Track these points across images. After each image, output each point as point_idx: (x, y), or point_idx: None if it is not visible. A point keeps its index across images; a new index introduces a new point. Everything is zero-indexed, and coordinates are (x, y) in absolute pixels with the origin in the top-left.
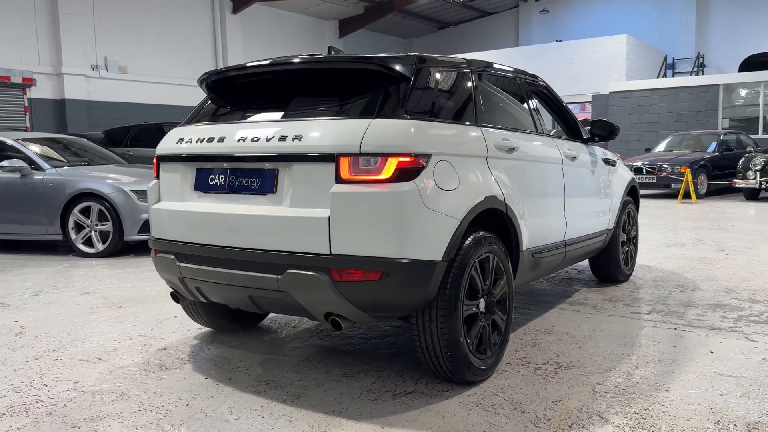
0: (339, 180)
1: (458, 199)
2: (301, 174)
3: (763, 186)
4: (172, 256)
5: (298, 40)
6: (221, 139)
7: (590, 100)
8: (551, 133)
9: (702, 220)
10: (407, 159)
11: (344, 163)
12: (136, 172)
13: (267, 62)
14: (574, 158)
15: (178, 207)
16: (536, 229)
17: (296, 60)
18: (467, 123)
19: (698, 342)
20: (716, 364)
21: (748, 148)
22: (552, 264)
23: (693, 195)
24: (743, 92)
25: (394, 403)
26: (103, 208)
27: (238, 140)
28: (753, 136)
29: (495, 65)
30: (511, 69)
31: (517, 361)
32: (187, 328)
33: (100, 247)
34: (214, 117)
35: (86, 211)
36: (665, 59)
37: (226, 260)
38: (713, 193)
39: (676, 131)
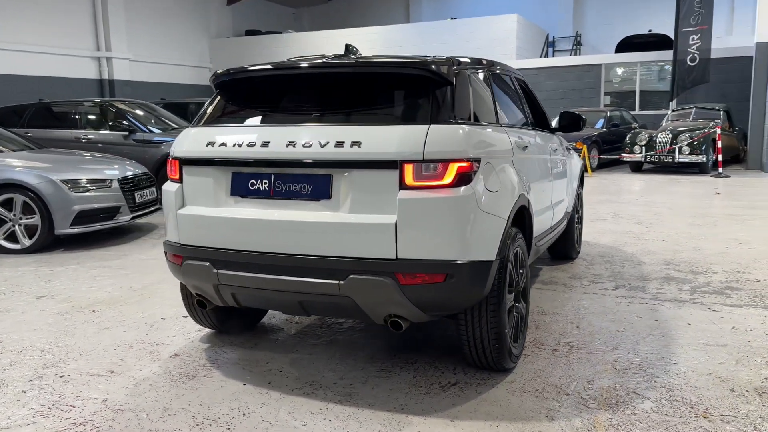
0: (403, 186)
1: (503, 200)
2: (360, 180)
3: (647, 159)
4: (207, 263)
5: (182, 5)
6: (265, 144)
7: None
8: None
9: (606, 193)
10: (465, 164)
11: (408, 169)
12: (53, 158)
13: (304, 64)
14: (555, 150)
15: (213, 213)
16: (539, 218)
17: (336, 62)
18: (493, 123)
19: (672, 315)
20: (698, 335)
21: (633, 125)
22: (543, 249)
23: (589, 169)
24: (620, 71)
25: (447, 395)
26: (28, 200)
27: (287, 145)
28: (631, 112)
29: (499, 64)
30: (508, 66)
31: (531, 344)
32: (184, 331)
33: (26, 242)
34: (244, 119)
35: (7, 204)
36: (547, 38)
37: (276, 267)
38: (602, 166)
39: (563, 108)
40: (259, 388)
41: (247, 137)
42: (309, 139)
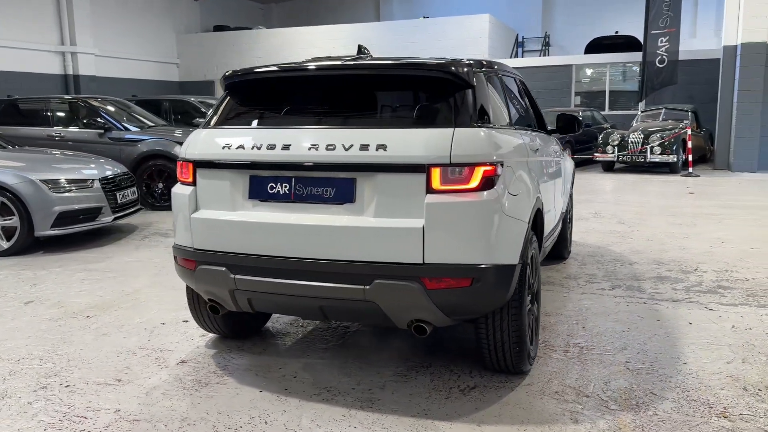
0: (430, 190)
1: (523, 203)
2: (386, 184)
3: (619, 159)
4: (224, 268)
5: (149, 1)
6: (286, 146)
7: None
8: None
9: (585, 192)
10: (489, 168)
11: (435, 173)
12: (31, 157)
13: (323, 65)
14: (555, 152)
15: (230, 217)
16: (547, 220)
17: (356, 64)
18: (508, 127)
19: (672, 315)
20: (701, 334)
21: (605, 125)
22: (548, 249)
23: None
24: (590, 72)
25: (468, 399)
26: (6, 201)
27: (309, 148)
28: (601, 112)
29: (505, 65)
30: (511, 68)
31: (542, 345)
32: (187, 336)
33: (4, 244)
34: (260, 121)
35: None
36: (516, 38)
37: (297, 271)
38: (575, 165)
39: None
40: (276, 395)
41: (267, 140)
42: (332, 142)
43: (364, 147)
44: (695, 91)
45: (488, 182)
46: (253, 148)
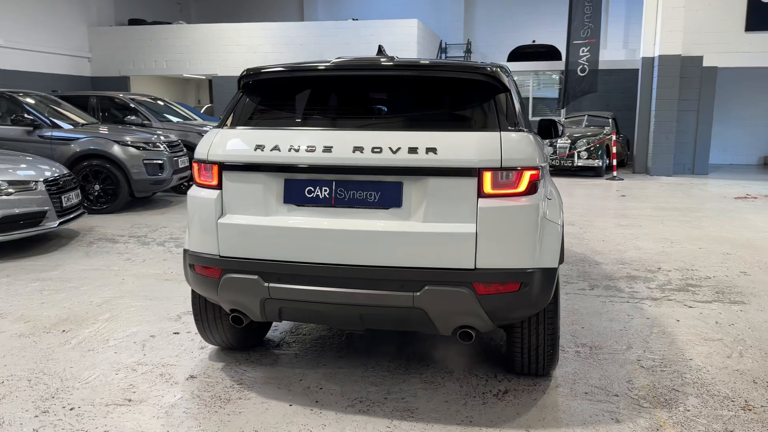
0: (481, 194)
1: (556, 207)
2: (435, 188)
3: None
4: (256, 277)
5: None
6: (328, 149)
7: None
8: None
9: None
10: (535, 172)
11: (487, 177)
12: None
13: (362, 63)
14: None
15: (264, 222)
16: None
17: (395, 64)
18: (532, 131)
19: (658, 313)
20: (691, 330)
21: None
22: None
23: None
24: (515, 79)
25: (506, 405)
26: None
27: (353, 150)
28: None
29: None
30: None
31: None
32: (185, 350)
33: None
34: (292, 122)
35: None
36: (440, 44)
37: (338, 279)
38: None
39: None
40: (309, 408)
41: (305, 141)
42: (378, 144)
43: (413, 150)
44: (611, 99)
45: (533, 186)
46: (290, 150)
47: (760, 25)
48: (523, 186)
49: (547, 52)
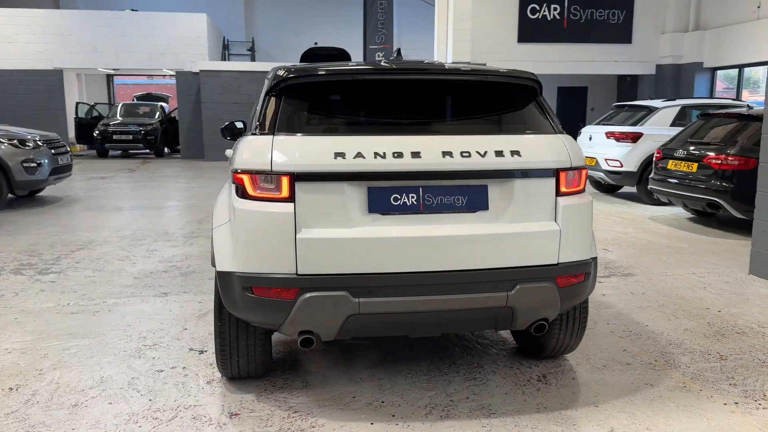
0: (559, 193)
1: None
2: (520, 189)
3: None
4: (344, 293)
5: None
6: (416, 154)
7: (174, 75)
8: None
9: None
10: (585, 171)
11: (563, 177)
12: None
13: (421, 68)
14: None
15: (349, 234)
16: None
17: (450, 68)
18: None
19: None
20: (621, 301)
21: None
22: None
23: None
24: None
25: (554, 386)
26: None
27: (443, 155)
28: None
29: None
30: None
31: None
32: (197, 387)
33: None
34: (361, 127)
35: None
36: (224, 41)
37: (433, 286)
38: None
39: None
40: (394, 423)
41: (390, 147)
42: (466, 148)
43: (499, 153)
44: None
45: (585, 184)
46: (375, 156)
47: (528, 37)
48: (582, 184)
49: (339, 55)
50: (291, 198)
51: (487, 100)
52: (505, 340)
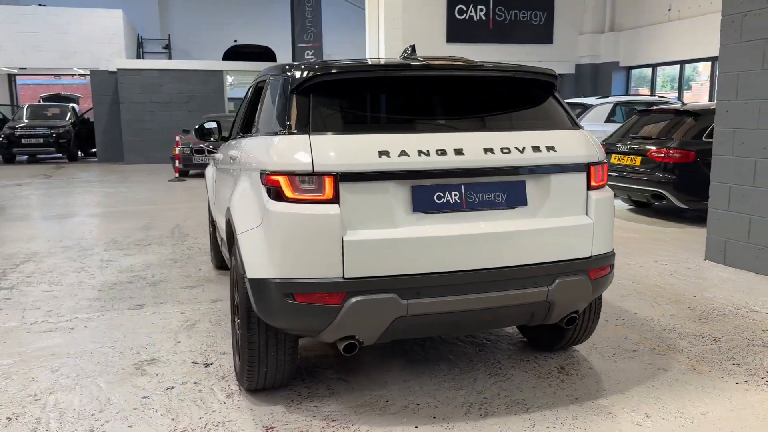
0: (590, 187)
1: None
2: (556, 184)
3: None
4: (392, 295)
5: None
6: (459, 151)
7: (85, 74)
8: None
9: None
10: (607, 165)
11: (593, 171)
12: None
13: (456, 64)
14: None
15: (396, 234)
16: None
17: (486, 65)
18: None
19: None
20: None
21: None
22: None
23: None
24: (237, 78)
25: (575, 377)
26: None
27: (485, 152)
28: None
29: None
30: None
31: None
32: (210, 402)
33: None
34: (399, 125)
35: None
36: (138, 38)
37: (479, 284)
38: None
39: (189, 111)
40: (438, 425)
41: (434, 145)
42: (506, 145)
43: (536, 149)
44: None
45: (607, 178)
46: (420, 154)
47: (457, 38)
48: (606, 178)
49: (264, 53)
50: (335, 199)
51: (514, 96)
52: (510, 335)
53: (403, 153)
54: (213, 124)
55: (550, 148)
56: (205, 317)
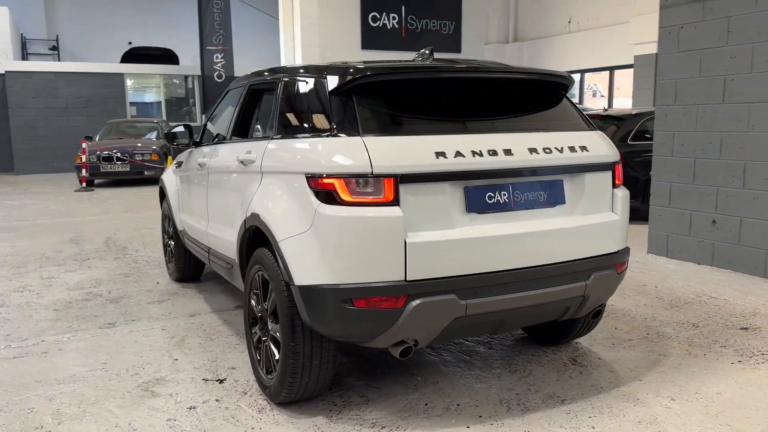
0: (615, 185)
1: None
2: (589, 183)
3: None
4: (453, 296)
5: None
6: (508, 152)
7: None
8: None
9: None
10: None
11: (617, 170)
12: None
13: (492, 67)
14: None
15: (454, 235)
16: None
17: (509, 68)
18: None
19: None
20: None
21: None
22: None
23: None
24: (140, 82)
25: (590, 368)
26: None
27: (531, 152)
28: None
29: None
30: None
31: None
32: (243, 419)
33: None
34: (448, 125)
35: None
36: (21, 38)
37: (528, 282)
38: None
39: (87, 117)
40: (489, 424)
41: (485, 145)
42: (547, 145)
43: (572, 149)
44: None
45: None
46: (474, 155)
47: (371, 44)
48: (621, 177)
49: (165, 55)
50: (396, 201)
51: (541, 98)
52: (510, 332)
53: (458, 154)
54: (181, 128)
55: (583, 148)
56: (191, 332)
